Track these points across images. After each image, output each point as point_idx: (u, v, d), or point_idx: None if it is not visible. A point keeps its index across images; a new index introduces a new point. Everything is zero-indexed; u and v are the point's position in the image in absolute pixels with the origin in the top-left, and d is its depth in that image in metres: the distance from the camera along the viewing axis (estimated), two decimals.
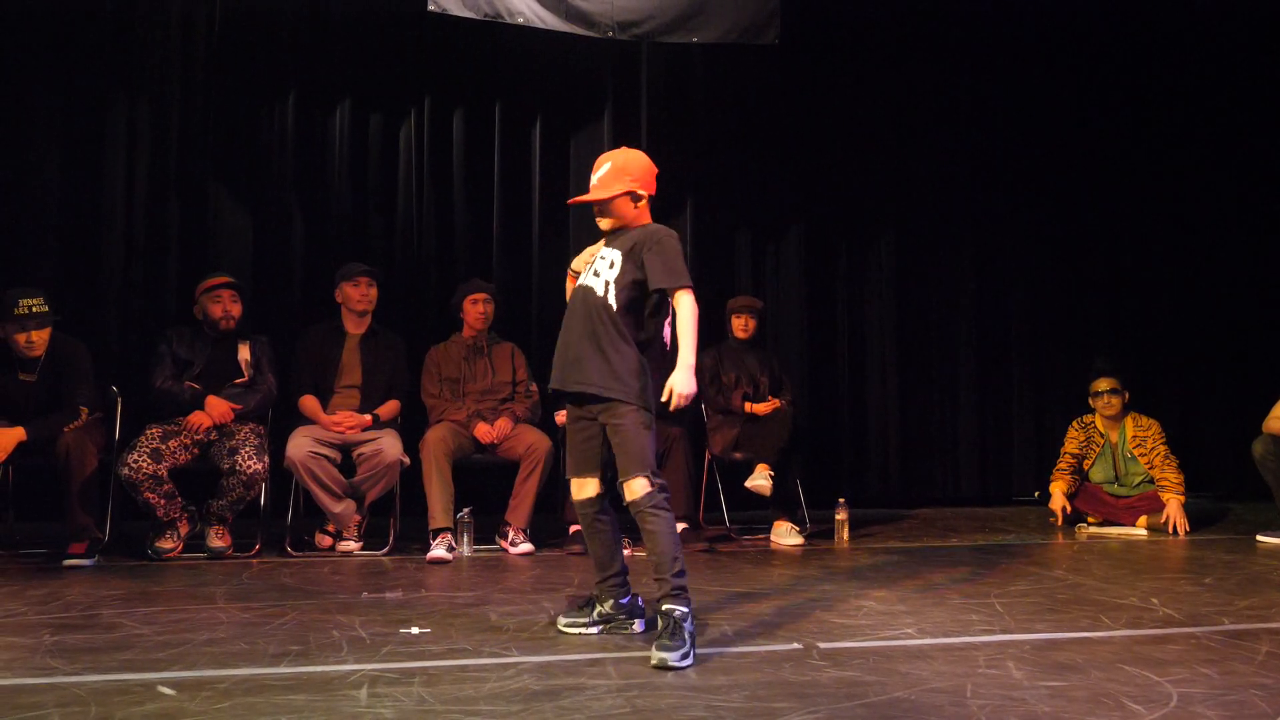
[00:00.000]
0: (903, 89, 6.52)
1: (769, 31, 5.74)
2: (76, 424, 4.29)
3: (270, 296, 5.55)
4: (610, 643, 2.90)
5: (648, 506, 2.82)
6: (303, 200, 5.72)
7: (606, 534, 3.05)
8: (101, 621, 3.14)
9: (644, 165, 3.11)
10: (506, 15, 5.41)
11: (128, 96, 5.51)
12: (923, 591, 3.68)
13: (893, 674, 2.57)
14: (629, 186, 3.04)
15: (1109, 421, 5.53)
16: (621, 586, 3.06)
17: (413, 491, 4.72)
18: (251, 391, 4.63)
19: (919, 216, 6.61)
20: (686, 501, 4.98)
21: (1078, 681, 2.51)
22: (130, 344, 5.33)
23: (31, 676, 2.52)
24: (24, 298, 4.20)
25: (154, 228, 5.52)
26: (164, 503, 4.29)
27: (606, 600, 3.05)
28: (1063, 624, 3.16)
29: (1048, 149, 6.73)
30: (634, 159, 3.10)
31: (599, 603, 3.06)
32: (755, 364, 5.37)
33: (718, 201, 6.32)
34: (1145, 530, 5.26)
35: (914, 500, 6.46)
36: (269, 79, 5.67)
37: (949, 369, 6.68)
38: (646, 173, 3.10)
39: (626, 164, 3.08)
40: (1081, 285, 6.82)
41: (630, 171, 3.05)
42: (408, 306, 5.70)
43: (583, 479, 3.02)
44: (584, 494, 3.02)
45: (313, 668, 2.62)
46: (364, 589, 3.70)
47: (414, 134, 5.86)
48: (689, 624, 2.74)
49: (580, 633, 3.01)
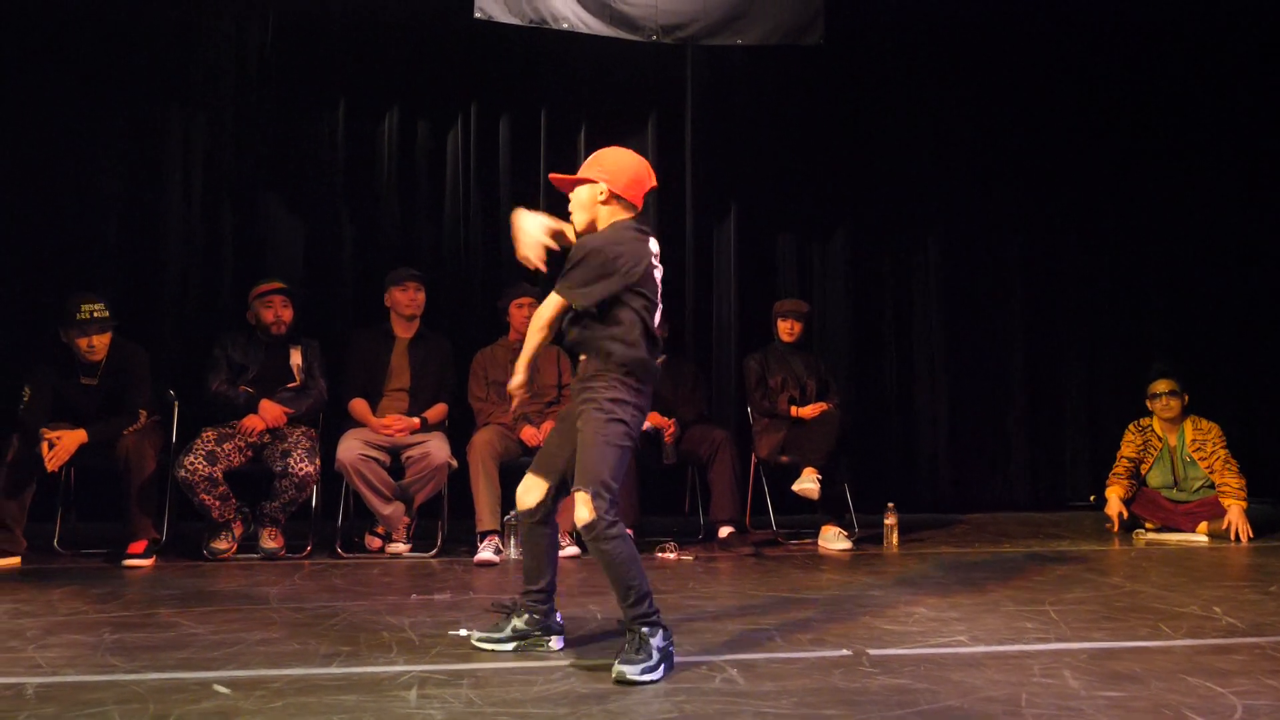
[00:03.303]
0: (948, 88, 6.44)
1: (813, 32, 5.69)
2: (136, 427, 4.39)
3: (321, 301, 5.64)
4: None
5: (589, 537, 2.64)
6: (352, 207, 5.81)
7: (541, 545, 2.89)
8: (159, 620, 3.20)
9: (621, 163, 2.85)
10: (551, 21, 5.43)
11: (184, 109, 5.66)
12: (975, 598, 3.62)
13: (945, 682, 2.53)
14: (594, 175, 2.83)
15: (1167, 424, 5.40)
16: (544, 604, 2.89)
17: (460, 494, 4.76)
18: (303, 395, 4.70)
19: (966, 216, 6.51)
20: (733, 505, 4.97)
21: (1137, 692, 2.45)
22: (187, 348, 5.44)
23: (93, 674, 2.58)
24: (85, 303, 4.31)
25: (209, 235, 5.67)
26: (219, 504, 4.37)
27: (523, 614, 2.88)
28: (1120, 632, 3.09)
29: (1100, 145, 6.59)
30: (614, 154, 2.88)
31: (515, 615, 2.90)
32: (802, 367, 5.33)
33: (762, 203, 6.29)
34: (1206, 537, 5.12)
35: (964, 505, 6.35)
36: (319, 89, 5.77)
37: (999, 370, 6.57)
38: (621, 171, 2.84)
39: (601, 156, 2.88)
40: (1138, 283, 6.67)
41: (602, 163, 2.85)
42: (455, 310, 5.76)
43: (534, 479, 2.87)
44: (528, 497, 2.86)
45: (363, 668, 2.65)
46: (413, 590, 3.74)
47: (460, 141, 5.92)
48: (659, 640, 2.59)
49: (494, 649, 2.85)
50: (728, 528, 4.93)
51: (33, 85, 5.45)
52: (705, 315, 6.22)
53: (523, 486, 2.90)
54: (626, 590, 2.64)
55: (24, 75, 5.45)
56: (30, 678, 2.53)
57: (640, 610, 2.63)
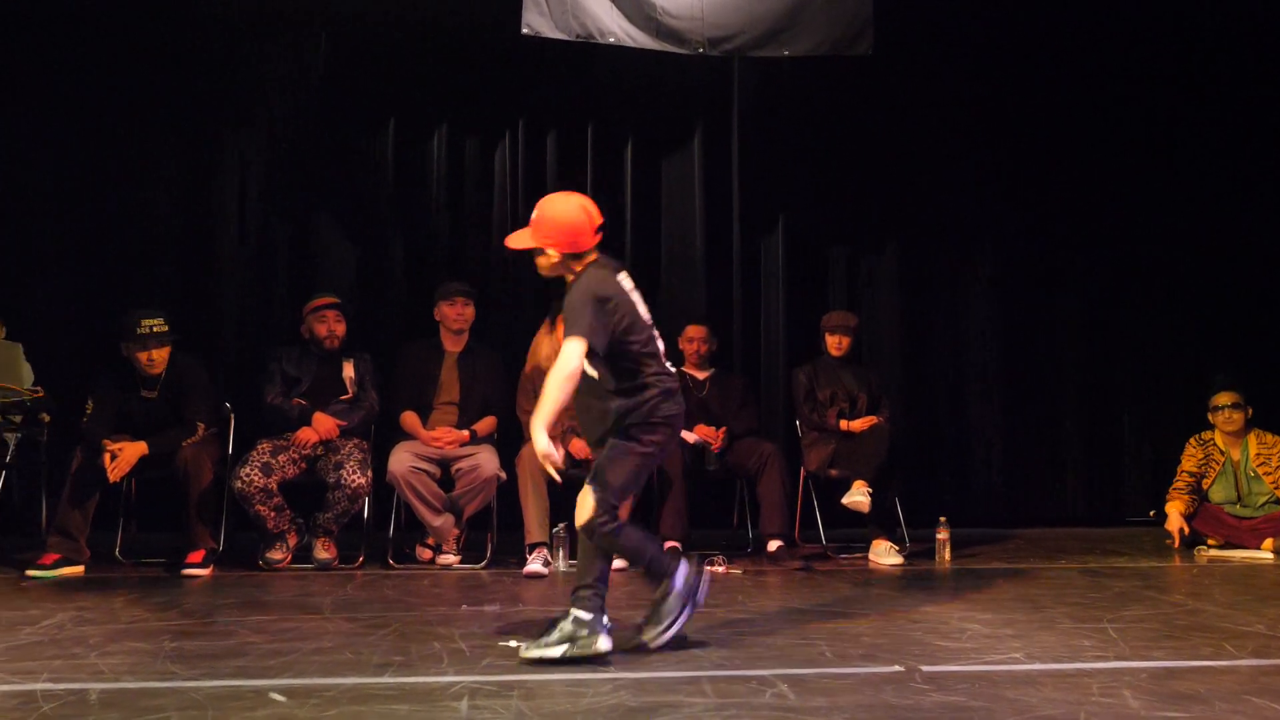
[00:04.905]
0: (997, 97, 6.36)
1: (862, 42, 5.66)
2: (194, 439, 4.49)
3: (372, 315, 5.74)
4: (706, 660, 2.88)
5: (585, 531, 2.93)
6: (402, 223, 5.91)
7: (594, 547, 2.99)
8: (217, 628, 3.26)
9: (558, 224, 2.99)
10: (598, 35, 5.48)
11: (238, 128, 5.82)
12: (1030, 614, 3.55)
13: (1000, 700, 2.49)
14: (540, 243, 3.01)
15: (1230, 438, 5.27)
16: (594, 598, 2.91)
17: (510, 506, 4.79)
18: (355, 408, 4.77)
19: (1018, 225, 6.43)
20: (782, 519, 4.92)
21: (1200, 713, 2.39)
22: (242, 362, 5.56)
23: (153, 680, 2.64)
24: (145, 318, 4.41)
25: (263, 251, 5.81)
26: (274, 515, 4.45)
27: (569, 616, 2.89)
28: (1182, 651, 3.01)
29: (1157, 150, 6.47)
30: (550, 217, 3.00)
31: (561, 619, 2.90)
32: (852, 380, 5.29)
33: (811, 215, 6.26)
34: (1271, 554, 4.97)
35: (1018, 519, 6.24)
36: (370, 107, 5.89)
37: (1054, 380, 6.46)
38: (561, 232, 2.99)
39: (540, 221, 3.01)
40: (1199, 292, 6.51)
41: (541, 229, 3.01)
42: (504, 324, 5.81)
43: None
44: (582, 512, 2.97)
45: (415, 678, 2.68)
46: (463, 602, 3.76)
47: (508, 156, 6.00)
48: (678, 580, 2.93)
49: (542, 655, 2.83)
50: (777, 541, 4.89)
51: (91, 108, 5.64)
52: (754, 328, 6.20)
53: (580, 499, 2.99)
54: (647, 560, 2.99)
55: (82, 98, 5.64)
56: (93, 683, 2.59)
57: (658, 566, 2.98)
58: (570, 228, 3.01)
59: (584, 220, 3.02)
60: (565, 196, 3.11)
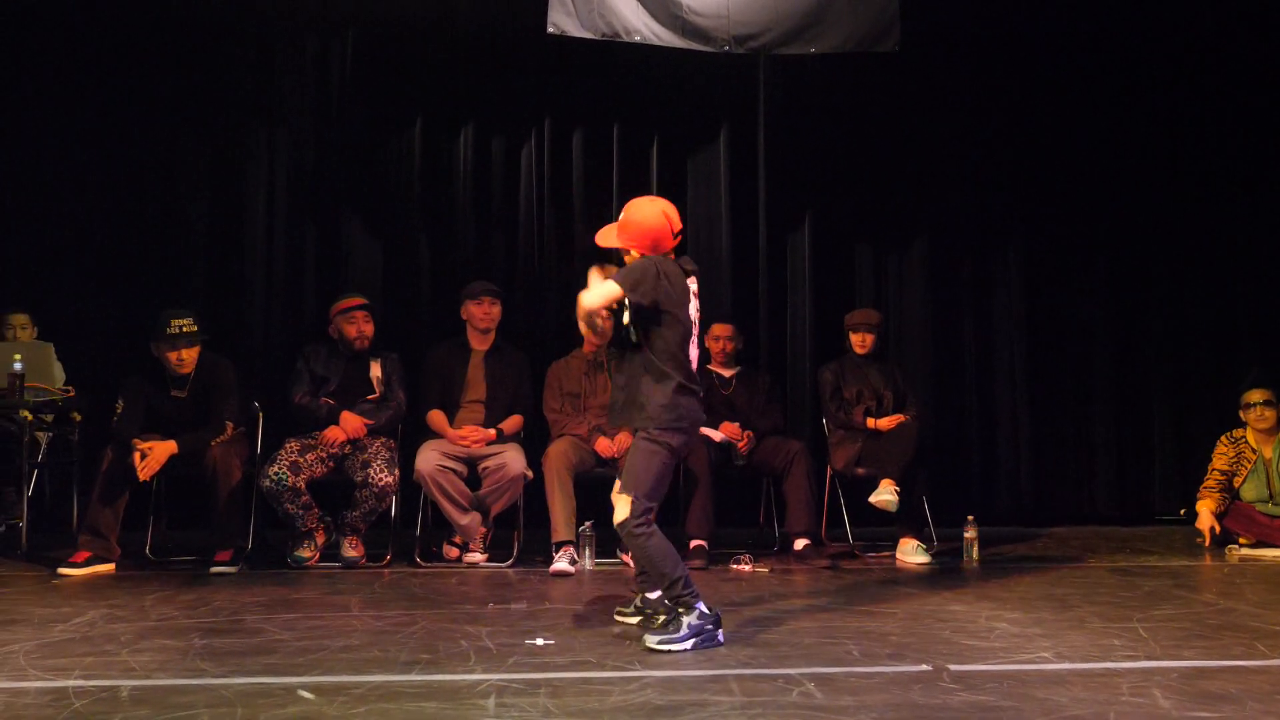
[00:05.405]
0: (1025, 93, 6.30)
1: (889, 39, 5.61)
2: (223, 438, 4.53)
3: (399, 314, 5.78)
4: (733, 659, 2.88)
5: (623, 532, 3.08)
6: (429, 222, 5.95)
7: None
8: (246, 626, 3.30)
9: (643, 229, 3.19)
10: (624, 34, 5.47)
11: (266, 129, 5.87)
12: (1059, 613, 3.52)
13: (1029, 699, 2.47)
14: (624, 244, 3.23)
15: (1262, 436, 5.20)
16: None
17: (536, 505, 4.80)
18: (383, 407, 4.80)
19: (1046, 221, 6.36)
20: (809, 517, 4.91)
21: (1232, 713, 2.36)
22: (271, 361, 5.61)
23: (183, 678, 2.67)
24: (175, 318, 4.47)
25: (292, 252, 5.87)
26: (302, 513, 4.48)
27: (638, 596, 3.35)
28: (1214, 651, 2.97)
29: (1190, 145, 6.38)
30: (635, 221, 3.21)
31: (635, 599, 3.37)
32: (878, 378, 5.26)
33: (837, 212, 6.22)
34: None
35: (1046, 518, 6.18)
36: (397, 106, 5.93)
37: (1083, 378, 6.39)
38: (644, 236, 3.20)
39: (627, 223, 3.22)
40: (1230, 289, 6.42)
41: (627, 231, 3.22)
42: (530, 323, 5.83)
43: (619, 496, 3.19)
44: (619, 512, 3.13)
45: (442, 676, 2.69)
46: (490, 600, 3.78)
47: (534, 155, 6.01)
48: (694, 618, 2.97)
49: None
50: (803, 540, 4.87)
51: (121, 109, 5.73)
52: (780, 326, 6.18)
53: (615, 499, 3.15)
54: (661, 576, 3.07)
55: (111, 99, 5.72)
56: (124, 680, 2.63)
57: (675, 592, 3.03)
58: (653, 232, 3.21)
59: (665, 225, 3.22)
60: (651, 201, 3.29)
